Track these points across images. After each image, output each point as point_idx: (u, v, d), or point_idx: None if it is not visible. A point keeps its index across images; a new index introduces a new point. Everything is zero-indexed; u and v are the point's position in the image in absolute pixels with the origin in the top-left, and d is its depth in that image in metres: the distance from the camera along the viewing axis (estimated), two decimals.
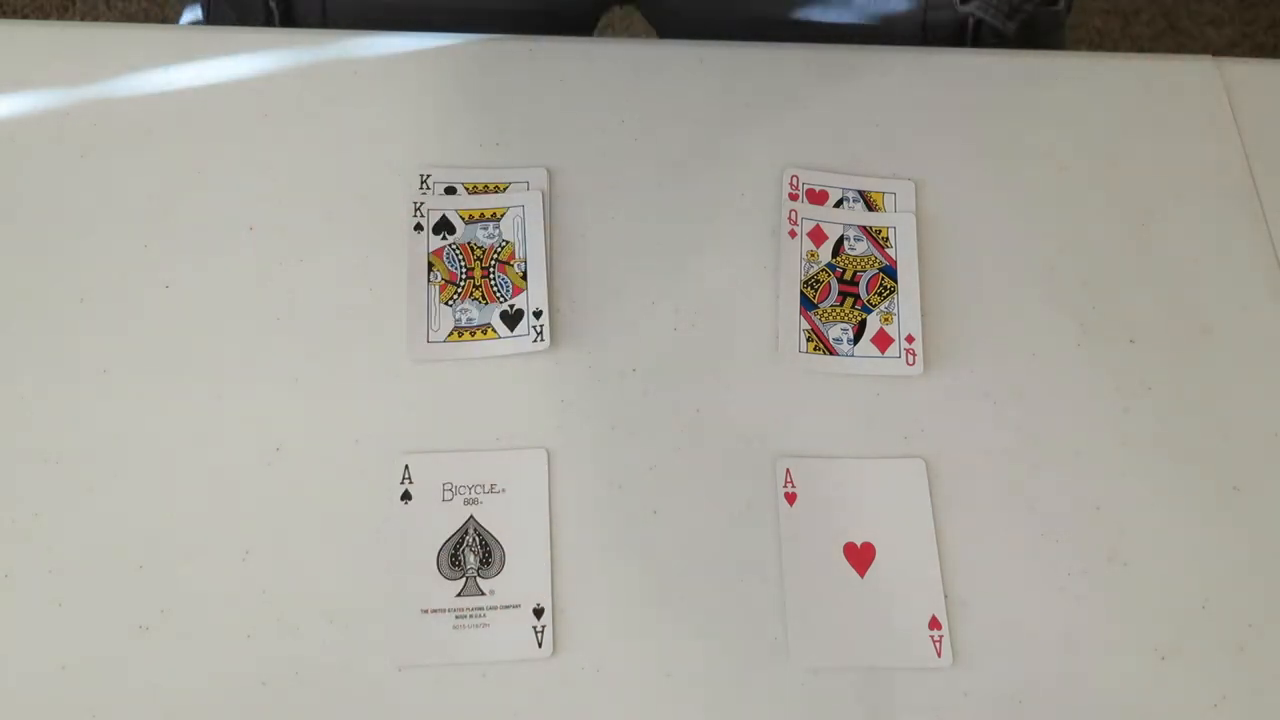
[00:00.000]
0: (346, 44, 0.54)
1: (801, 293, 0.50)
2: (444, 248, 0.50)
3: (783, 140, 0.54)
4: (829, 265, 0.51)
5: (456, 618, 0.43)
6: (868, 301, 0.51)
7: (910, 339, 0.50)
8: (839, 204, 0.53)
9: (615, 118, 0.54)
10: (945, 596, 0.45)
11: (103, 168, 0.51)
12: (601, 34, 0.73)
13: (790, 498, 0.46)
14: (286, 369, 0.47)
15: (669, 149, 0.53)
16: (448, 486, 0.46)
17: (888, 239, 0.52)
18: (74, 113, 0.52)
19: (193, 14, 0.61)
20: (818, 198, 0.53)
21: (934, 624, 0.45)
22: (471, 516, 0.45)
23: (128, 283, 0.48)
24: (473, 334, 0.48)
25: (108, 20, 1.32)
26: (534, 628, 0.43)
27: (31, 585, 0.43)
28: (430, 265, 0.50)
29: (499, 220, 0.51)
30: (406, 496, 0.45)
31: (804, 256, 0.51)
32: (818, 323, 0.50)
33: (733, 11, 0.63)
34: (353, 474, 0.46)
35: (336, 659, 0.43)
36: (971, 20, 0.59)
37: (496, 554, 0.45)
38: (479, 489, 0.46)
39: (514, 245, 0.50)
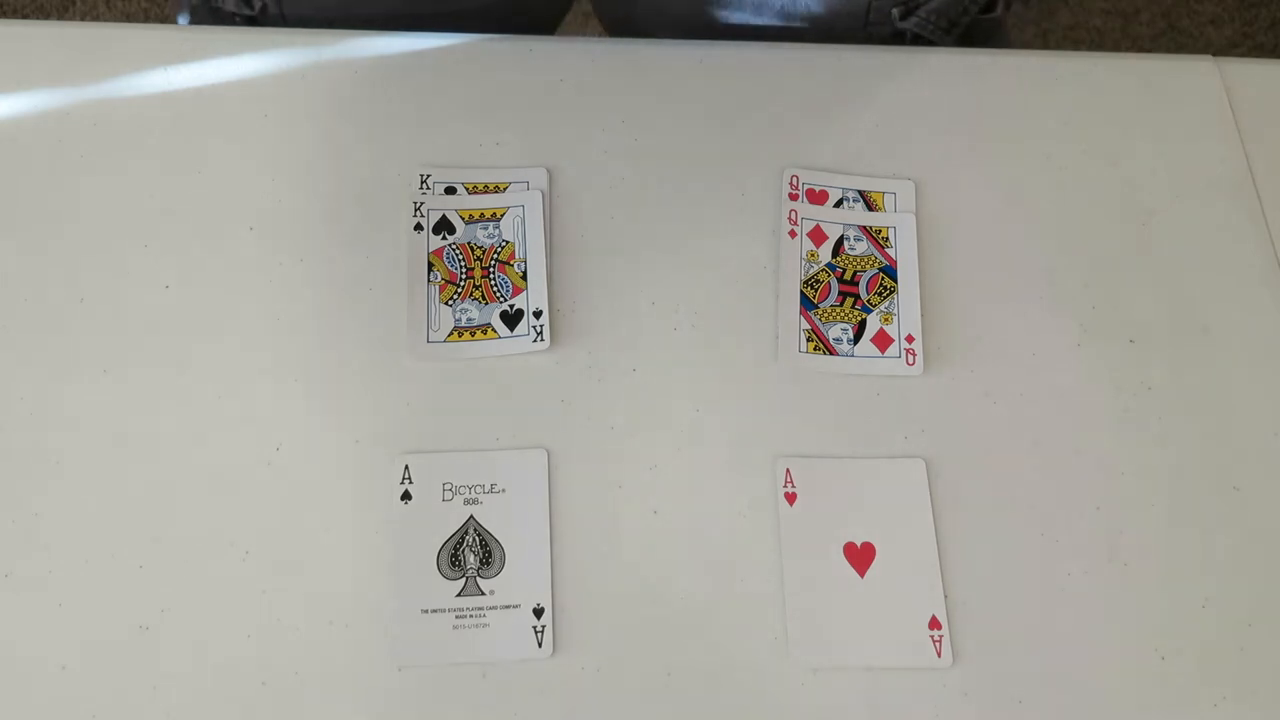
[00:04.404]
0: (346, 44, 0.54)
1: (801, 293, 0.50)
2: (444, 248, 0.50)
3: (783, 140, 0.54)
4: (829, 265, 0.51)
5: (456, 618, 0.43)
6: (868, 301, 0.51)
7: (910, 339, 0.50)
8: (839, 204, 0.53)
9: (615, 118, 0.54)
10: (945, 596, 0.45)
11: (103, 168, 0.51)
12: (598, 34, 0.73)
13: (790, 498, 0.46)
14: (286, 369, 0.47)
15: (669, 149, 0.53)
16: (448, 486, 0.46)
17: (888, 239, 0.52)
18: (74, 113, 0.52)
19: (184, 20, 0.61)
20: (818, 198, 0.53)
21: (934, 624, 0.45)
22: (471, 516, 0.45)
23: (128, 283, 0.48)
24: (473, 334, 0.48)
25: (108, 20, 1.32)
26: (534, 628, 0.43)
27: (31, 585, 0.43)
28: (430, 265, 0.50)
29: (499, 220, 0.51)
30: (406, 496, 0.45)
31: (804, 256, 0.51)
32: (818, 323, 0.50)
33: (663, 16, 0.63)
34: (353, 474, 0.46)
35: (336, 659, 0.43)
36: (909, 34, 0.59)
37: (496, 554, 0.45)
38: (479, 489, 0.46)
39: (514, 245, 0.50)
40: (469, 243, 0.50)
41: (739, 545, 0.46)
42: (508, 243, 0.50)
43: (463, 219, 0.51)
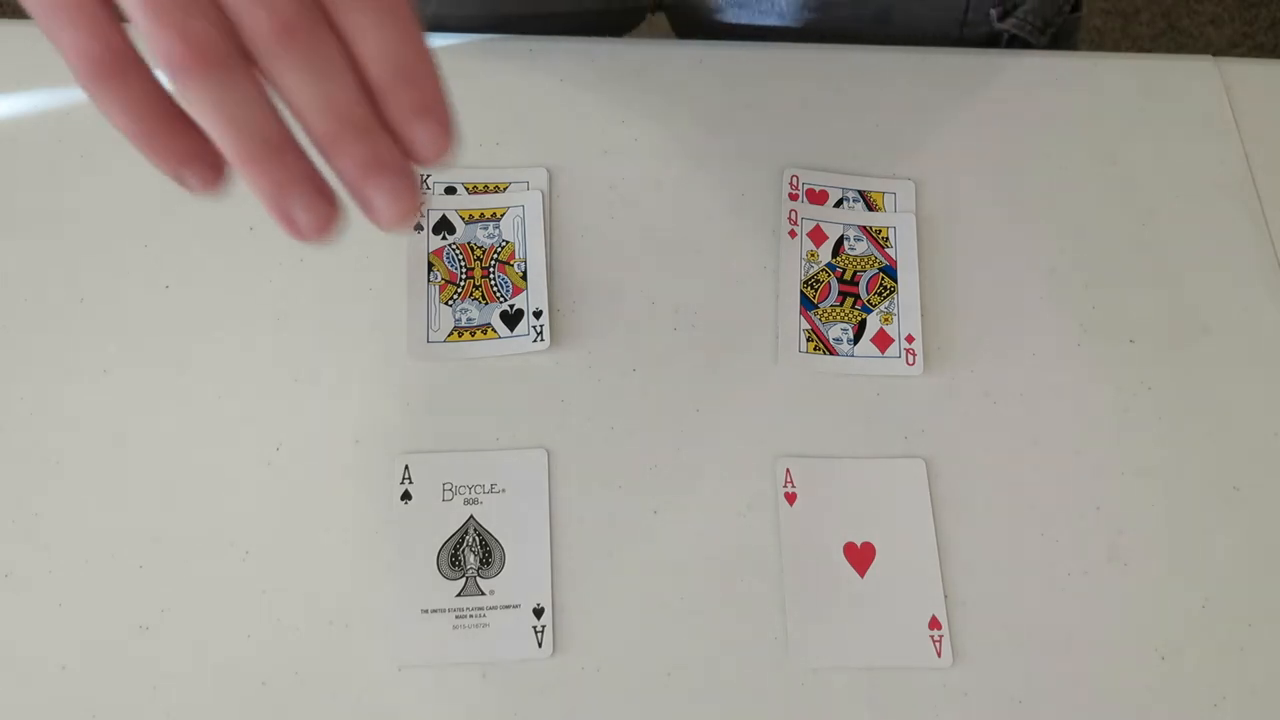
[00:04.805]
0: None
1: (801, 293, 0.50)
2: (444, 248, 0.50)
3: (783, 140, 0.54)
4: (829, 265, 0.51)
5: (456, 618, 0.43)
6: (868, 301, 0.51)
7: (910, 339, 0.50)
8: (839, 204, 0.53)
9: (615, 118, 0.54)
10: (945, 596, 0.45)
11: (103, 168, 0.51)
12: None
13: (790, 498, 0.46)
14: (286, 369, 0.47)
15: (669, 149, 0.53)
16: (448, 486, 0.46)
17: (888, 239, 0.52)
18: (74, 113, 0.52)
19: None
20: (818, 198, 0.53)
21: (934, 624, 0.45)
22: (471, 516, 0.45)
23: (128, 283, 0.48)
24: (473, 334, 0.48)
25: None
26: (534, 628, 0.43)
27: (31, 585, 0.43)
28: (430, 265, 0.50)
29: (499, 220, 0.51)
30: (406, 496, 0.45)
31: (804, 256, 0.51)
32: (818, 323, 0.50)
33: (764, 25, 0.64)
34: (353, 474, 0.46)
35: (336, 659, 0.43)
36: (1005, 36, 0.60)
37: (496, 554, 0.45)
38: (479, 489, 0.46)
39: (514, 245, 0.50)
40: (469, 243, 0.50)
41: (739, 545, 0.46)
42: (508, 243, 0.50)
43: (463, 219, 0.51)
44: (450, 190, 0.51)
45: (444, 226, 0.50)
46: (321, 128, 0.26)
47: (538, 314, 0.49)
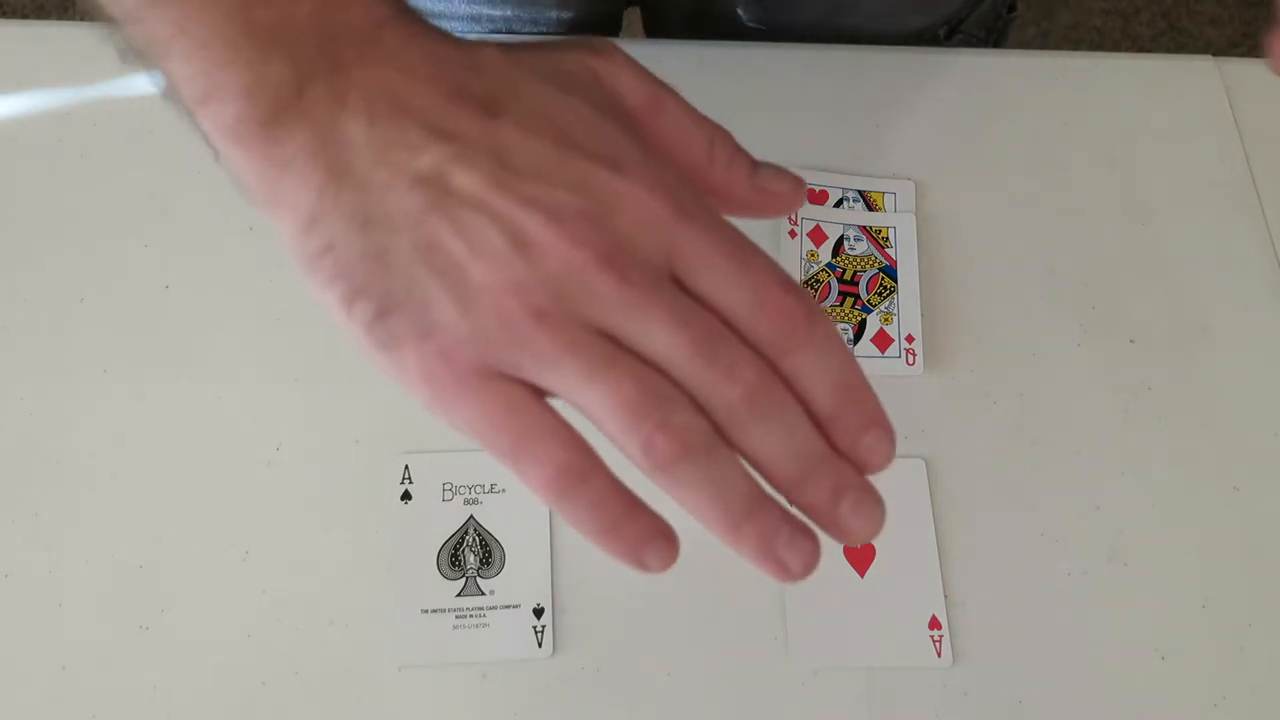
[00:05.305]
0: None
1: None
2: None
3: (784, 140, 0.54)
4: (829, 265, 0.51)
5: (456, 618, 0.43)
6: (868, 301, 0.51)
7: (910, 339, 0.50)
8: (839, 204, 0.53)
9: None
10: (945, 596, 0.45)
11: (103, 168, 0.51)
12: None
13: None
14: (286, 369, 0.47)
15: None
16: (448, 486, 0.46)
17: (888, 239, 0.52)
18: (74, 113, 0.52)
19: None
20: (818, 198, 0.53)
21: (934, 624, 0.45)
22: (471, 516, 0.45)
23: (128, 283, 0.48)
24: None
25: None
26: (534, 627, 0.43)
27: (31, 585, 0.43)
28: None
29: None
30: (406, 496, 0.45)
31: (804, 256, 0.51)
32: None
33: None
34: (353, 474, 0.46)
35: (336, 659, 0.43)
36: None
37: (496, 554, 0.45)
38: (479, 489, 0.46)
39: None
40: None
41: None
42: None
43: None
44: None
45: None
46: (790, 472, 0.26)
47: None
